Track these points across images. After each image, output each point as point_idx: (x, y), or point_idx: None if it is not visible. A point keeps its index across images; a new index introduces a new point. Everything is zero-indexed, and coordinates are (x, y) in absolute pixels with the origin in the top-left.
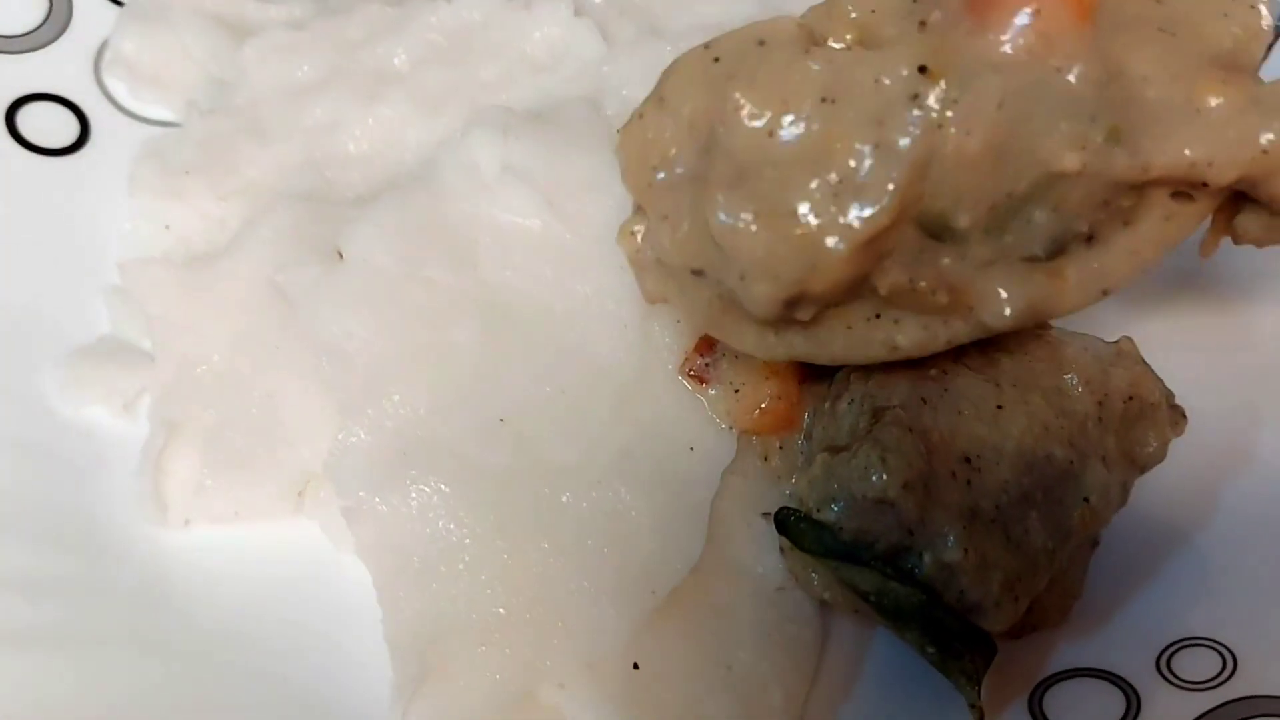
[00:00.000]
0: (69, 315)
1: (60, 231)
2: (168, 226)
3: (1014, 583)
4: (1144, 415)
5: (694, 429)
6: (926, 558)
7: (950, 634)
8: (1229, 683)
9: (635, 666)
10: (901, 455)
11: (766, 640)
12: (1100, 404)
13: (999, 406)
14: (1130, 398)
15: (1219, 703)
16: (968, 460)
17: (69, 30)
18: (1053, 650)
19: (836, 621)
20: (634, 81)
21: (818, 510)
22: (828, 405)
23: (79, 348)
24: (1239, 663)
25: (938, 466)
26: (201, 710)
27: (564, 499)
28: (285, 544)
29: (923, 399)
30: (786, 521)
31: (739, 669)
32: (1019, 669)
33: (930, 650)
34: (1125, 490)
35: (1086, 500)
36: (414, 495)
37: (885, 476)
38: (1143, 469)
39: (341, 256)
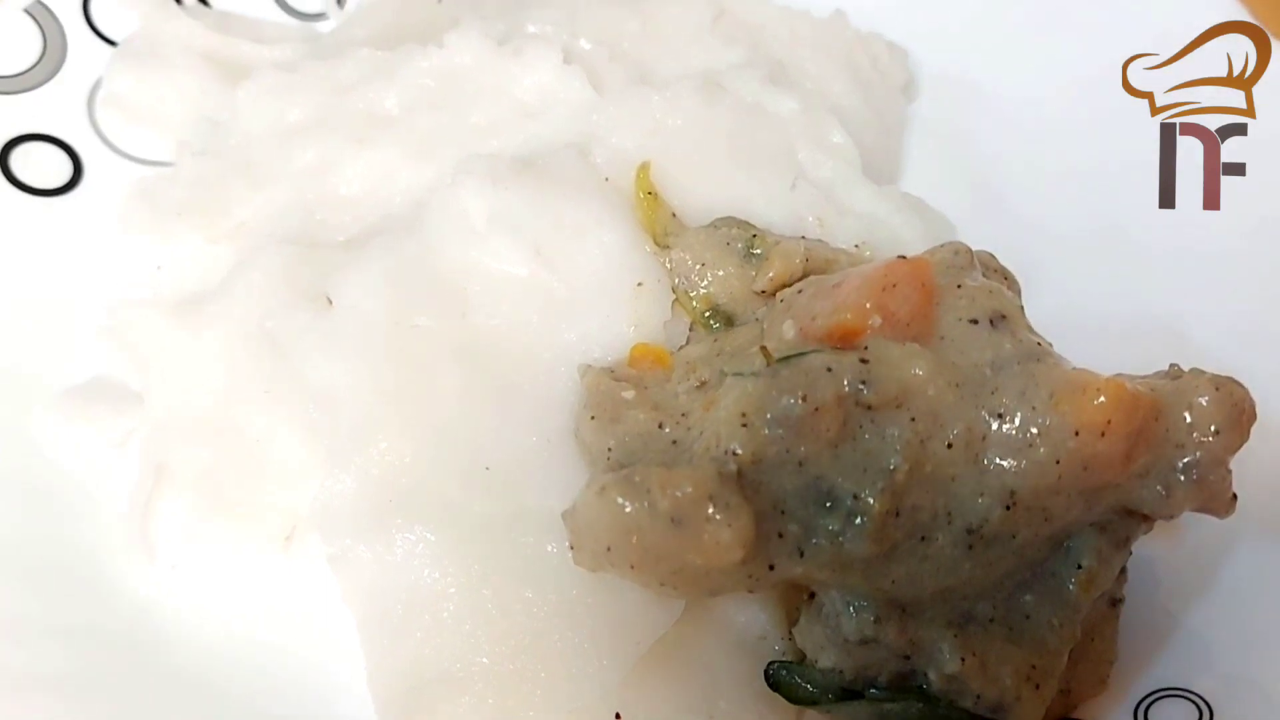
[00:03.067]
0: (60, 355)
1: (52, 271)
2: (159, 267)
3: (1029, 672)
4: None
5: None
6: (931, 674)
7: None
8: None
9: (617, 717)
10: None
11: (748, 688)
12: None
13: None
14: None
15: None
16: None
17: (62, 70)
18: None
19: None
20: (622, 129)
21: (815, 661)
22: None
23: (69, 388)
24: (1214, 714)
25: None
26: None
27: (549, 549)
28: (272, 589)
29: None
30: (777, 677)
31: (721, 718)
32: None
33: None
34: (1128, 543)
35: (1080, 566)
36: (399, 543)
37: (855, 620)
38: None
39: (331, 303)
